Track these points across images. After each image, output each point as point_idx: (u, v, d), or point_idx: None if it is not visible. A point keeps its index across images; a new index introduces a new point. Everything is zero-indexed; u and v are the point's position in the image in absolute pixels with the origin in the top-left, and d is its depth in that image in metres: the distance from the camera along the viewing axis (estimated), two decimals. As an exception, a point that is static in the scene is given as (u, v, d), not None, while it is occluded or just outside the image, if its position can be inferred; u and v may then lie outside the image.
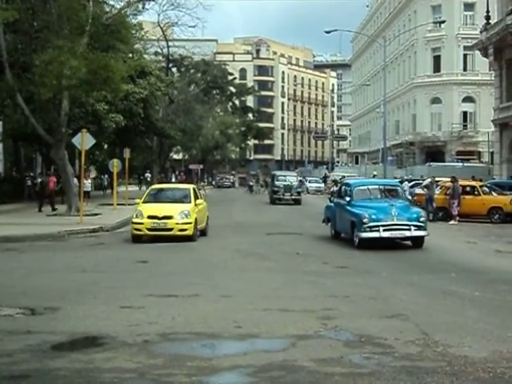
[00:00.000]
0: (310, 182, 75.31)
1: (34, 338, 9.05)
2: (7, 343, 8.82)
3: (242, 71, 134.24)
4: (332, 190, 42.01)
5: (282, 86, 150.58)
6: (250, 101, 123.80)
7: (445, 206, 32.94)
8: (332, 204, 25.52)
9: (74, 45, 27.82)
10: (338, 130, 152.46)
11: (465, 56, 77.93)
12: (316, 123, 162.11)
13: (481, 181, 39.04)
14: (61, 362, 7.96)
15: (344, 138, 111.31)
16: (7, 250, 19.82)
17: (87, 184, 40.74)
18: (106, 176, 62.50)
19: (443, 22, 67.93)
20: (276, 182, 50.44)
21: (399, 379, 7.30)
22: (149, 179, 68.16)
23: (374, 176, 44.85)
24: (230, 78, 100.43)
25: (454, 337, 9.18)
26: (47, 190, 35.94)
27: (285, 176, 52.49)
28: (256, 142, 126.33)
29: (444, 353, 8.41)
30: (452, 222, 31.80)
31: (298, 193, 49.79)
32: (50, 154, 35.12)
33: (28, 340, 8.91)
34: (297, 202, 48.71)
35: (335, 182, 48.39)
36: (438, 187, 34.69)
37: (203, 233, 24.36)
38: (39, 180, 38.66)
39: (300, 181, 57.16)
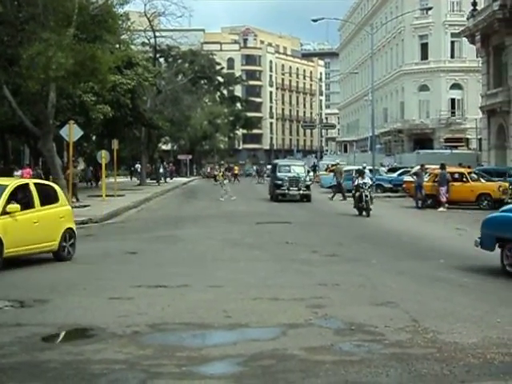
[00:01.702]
0: None
1: (24, 330, 9.02)
2: (-4, 336, 8.79)
3: (230, 61, 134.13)
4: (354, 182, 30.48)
5: (270, 76, 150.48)
6: (238, 90, 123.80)
7: (434, 193, 33.03)
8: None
9: (60, 38, 27.63)
10: (327, 118, 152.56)
11: (452, 43, 78.06)
12: (304, 112, 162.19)
13: (469, 167, 39.21)
14: (51, 354, 7.94)
15: (332, 126, 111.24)
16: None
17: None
18: (91, 168, 62.18)
19: (430, 8, 68.04)
20: (278, 174, 39.46)
21: (389, 366, 7.31)
22: (139, 170, 67.85)
23: (364, 168, 39.57)
24: (218, 67, 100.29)
25: (443, 323, 9.21)
26: None
27: (289, 166, 41.56)
28: (244, 131, 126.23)
29: (434, 339, 8.44)
30: (441, 209, 31.89)
31: (307, 187, 39.06)
32: (38, 146, 35.02)
33: (18, 332, 8.88)
34: (306, 198, 38.52)
35: (330, 170, 47.90)
36: (427, 174, 34.76)
37: (60, 256, 15.89)
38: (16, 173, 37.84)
39: (308, 171, 47.42)
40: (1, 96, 32.25)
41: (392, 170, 51.50)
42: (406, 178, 39.49)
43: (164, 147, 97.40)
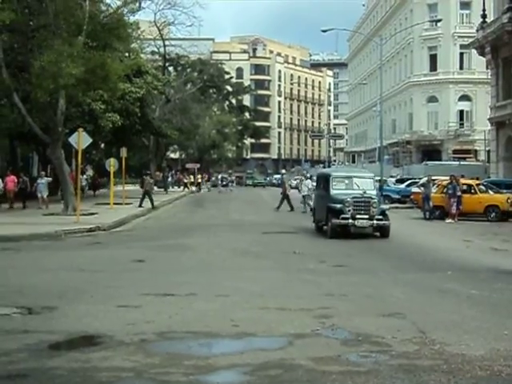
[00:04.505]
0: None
1: (32, 337, 9.04)
2: (5, 342, 8.79)
3: (239, 70, 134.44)
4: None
5: (279, 85, 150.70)
6: (247, 100, 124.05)
7: (441, 204, 32.96)
8: None
9: (71, 49, 27.78)
10: (335, 128, 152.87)
11: (461, 55, 78.02)
12: (313, 122, 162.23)
13: (478, 179, 39.12)
14: (58, 362, 7.95)
15: (341, 136, 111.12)
16: (4, 250, 19.77)
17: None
18: (85, 176, 61.45)
19: (439, 20, 67.93)
20: (334, 192, 24.69)
21: (396, 377, 7.30)
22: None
23: None
24: (227, 76, 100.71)
25: (451, 335, 9.19)
26: (6, 191, 35.92)
27: (350, 178, 25.75)
28: (253, 140, 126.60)
29: (441, 351, 8.42)
30: (449, 220, 31.81)
31: (383, 213, 24.28)
32: (47, 153, 35.10)
33: (25, 339, 8.90)
34: (381, 231, 24.22)
35: None
36: (435, 186, 34.72)
37: None
38: None
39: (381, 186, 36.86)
40: (11, 103, 32.44)
41: (400, 181, 51.41)
42: (414, 189, 39.44)
43: (172, 155, 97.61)
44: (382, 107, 61.63)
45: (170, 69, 76.42)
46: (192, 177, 78.48)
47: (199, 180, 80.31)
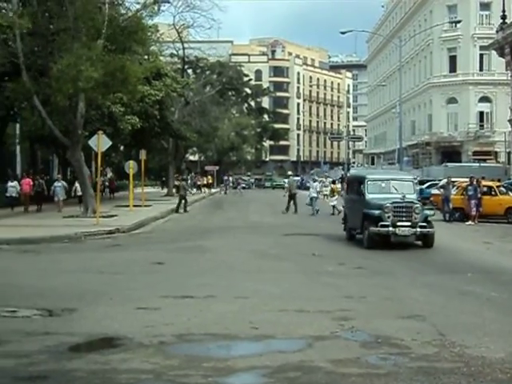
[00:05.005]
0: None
1: (52, 339, 9.09)
2: (25, 344, 8.87)
3: (258, 72, 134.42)
4: None
5: (298, 87, 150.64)
6: (266, 102, 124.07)
7: (461, 206, 32.78)
8: None
9: (91, 52, 27.94)
10: (354, 130, 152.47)
11: (481, 56, 77.62)
12: (332, 124, 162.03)
13: (499, 181, 38.89)
14: (78, 363, 7.99)
15: (360, 138, 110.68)
16: (24, 252, 19.91)
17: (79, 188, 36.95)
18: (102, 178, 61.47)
19: (459, 21, 67.66)
20: (370, 196, 22.11)
21: (416, 380, 7.28)
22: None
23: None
24: (246, 79, 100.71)
25: (471, 337, 9.14)
26: (22, 193, 36.05)
27: (388, 181, 23.24)
28: (271, 143, 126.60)
29: (461, 353, 8.37)
30: (469, 222, 31.61)
31: (426, 220, 21.55)
32: (66, 156, 35.28)
33: (46, 341, 8.95)
34: (425, 240, 21.44)
35: None
36: (455, 187, 34.54)
37: None
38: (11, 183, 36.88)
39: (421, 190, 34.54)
40: (31, 106, 32.66)
41: (419, 182, 51.16)
42: (434, 190, 39.26)
43: (191, 158, 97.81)
44: (401, 109, 61.35)
45: (189, 71, 76.62)
46: (205, 179, 78.48)
47: (210, 181, 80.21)
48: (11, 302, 11.57)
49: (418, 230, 20.87)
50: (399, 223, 20.76)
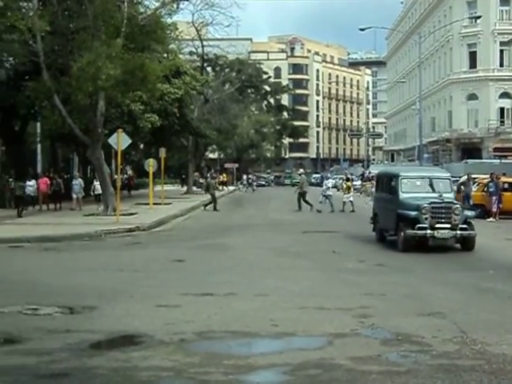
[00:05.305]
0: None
1: (73, 336, 9.15)
2: (47, 342, 8.93)
3: (277, 70, 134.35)
4: None
5: (317, 84, 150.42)
6: (285, 99, 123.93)
7: (482, 203, 32.57)
8: None
9: (110, 50, 28.06)
10: (374, 127, 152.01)
11: (501, 51, 77.03)
12: (351, 121, 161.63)
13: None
14: (99, 361, 8.04)
15: (379, 135, 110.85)
16: (45, 250, 20.04)
17: (98, 186, 37.04)
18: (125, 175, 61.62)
19: (479, 17, 67.18)
20: (404, 195, 20.50)
21: (437, 377, 7.25)
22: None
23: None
24: (265, 76, 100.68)
25: (492, 335, 9.09)
26: (39, 193, 36.15)
27: (424, 179, 21.60)
28: (291, 140, 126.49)
29: (482, 351, 8.34)
30: (490, 219, 31.42)
31: (467, 222, 20.06)
32: (87, 154, 35.43)
33: (67, 339, 9.01)
34: (466, 244, 19.94)
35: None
36: (475, 184, 34.33)
37: None
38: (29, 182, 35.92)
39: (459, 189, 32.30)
40: (51, 105, 32.81)
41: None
42: (454, 187, 39.03)
43: (211, 155, 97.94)
44: (421, 105, 61.08)
45: (208, 69, 76.61)
46: (220, 177, 78.39)
47: (226, 179, 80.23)
48: (33, 300, 11.64)
49: (459, 232, 19.44)
50: (438, 225, 19.27)
